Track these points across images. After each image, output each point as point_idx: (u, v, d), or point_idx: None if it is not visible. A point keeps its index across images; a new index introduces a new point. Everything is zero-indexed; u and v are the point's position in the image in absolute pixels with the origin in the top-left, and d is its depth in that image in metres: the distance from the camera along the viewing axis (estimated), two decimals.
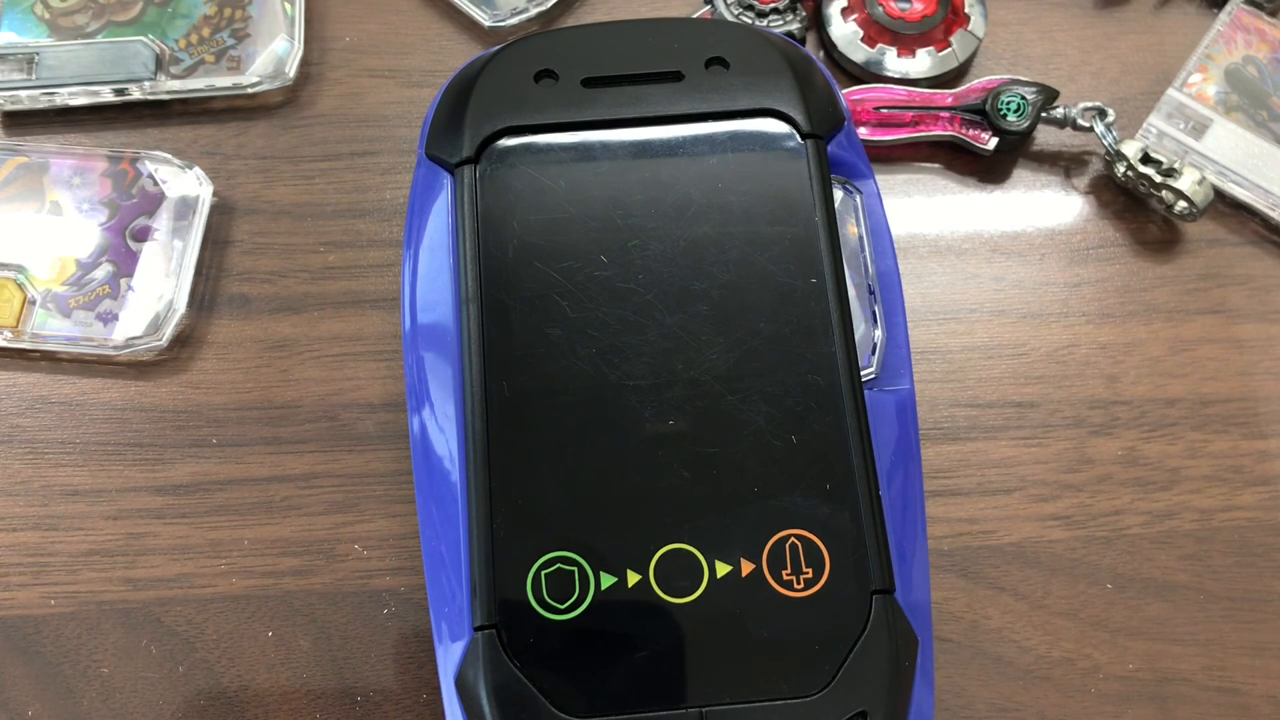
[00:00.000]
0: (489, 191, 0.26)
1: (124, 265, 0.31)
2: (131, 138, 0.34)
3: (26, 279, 0.31)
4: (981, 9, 0.35)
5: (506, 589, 0.23)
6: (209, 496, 0.30)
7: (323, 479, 0.30)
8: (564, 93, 0.27)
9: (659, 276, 0.25)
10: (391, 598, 0.29)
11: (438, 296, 0.26)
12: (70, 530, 0.29)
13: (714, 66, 0.27)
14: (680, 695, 0.23)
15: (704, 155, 0.26)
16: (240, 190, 0.33)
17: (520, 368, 0.25)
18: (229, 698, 0.28)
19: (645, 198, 0.26)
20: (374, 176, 0.33)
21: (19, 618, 0.28)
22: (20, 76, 0.33)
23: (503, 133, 0.27)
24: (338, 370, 0.31)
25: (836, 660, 0.23)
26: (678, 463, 0.24)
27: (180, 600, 0.28)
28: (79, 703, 0.28)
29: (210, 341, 0.31)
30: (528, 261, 0.26)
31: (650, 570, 0.23)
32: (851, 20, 0.34)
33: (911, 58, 0.34)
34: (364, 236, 0.33)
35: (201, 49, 0.34)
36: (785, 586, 0.23)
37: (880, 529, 0.24)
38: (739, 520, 0.24)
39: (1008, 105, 0.33)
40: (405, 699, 0.28)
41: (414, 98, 0.34)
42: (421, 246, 0.27)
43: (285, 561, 0.29)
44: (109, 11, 0.34)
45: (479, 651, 0.23)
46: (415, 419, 0.25)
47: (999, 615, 0.29)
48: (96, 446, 0.30)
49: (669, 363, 0.25)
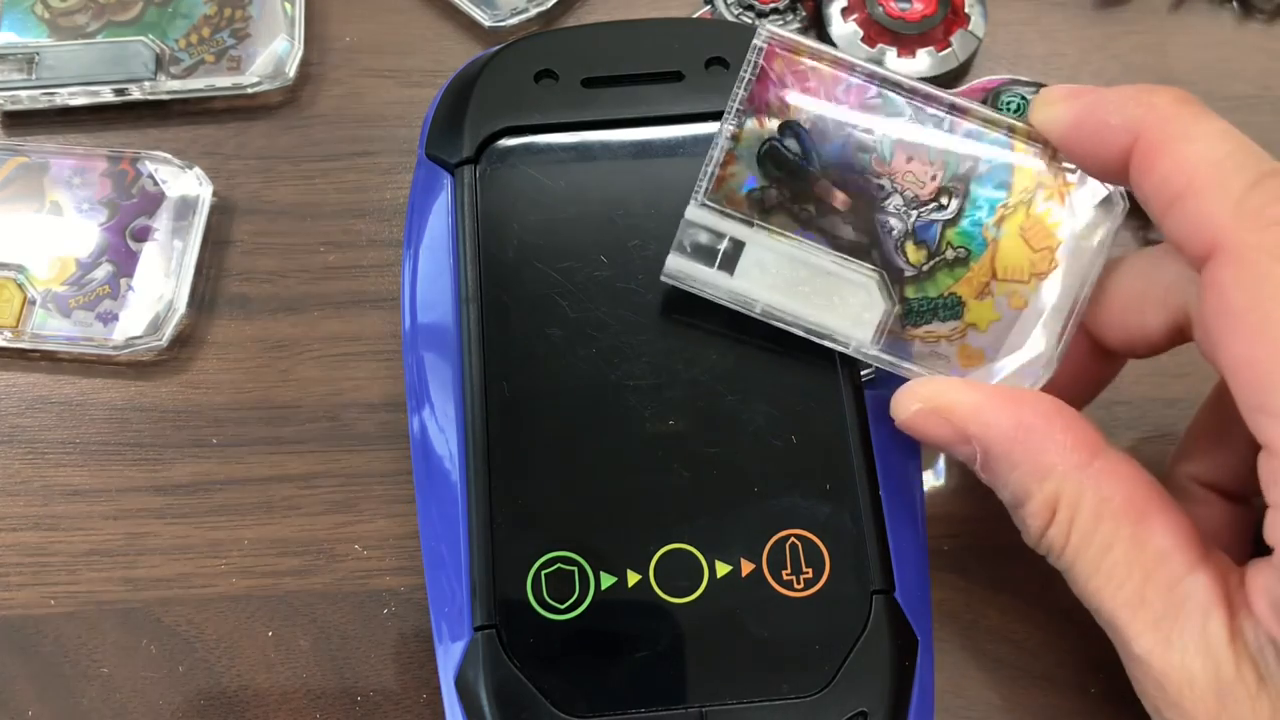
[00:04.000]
0: (489, 191, 0.26)
1: (124, 265, 0.31)
2: (131, 138, 0.34)
3: (26, 279, 0.31)
4: (981, 9, 0.35)
5: (506, 589, 0.23)
6: (209, 496, 0.30)
7: (323, 479, 0.30)
8: (564, 93, 0.27)
9: (659, 276, 0.25)
10: (391, 598, 0.28)
11: (438, 296, 0.26)
12: (70, 530, 0.29)
13: (714, 66, 0.27)
14: (680, 695, 0.23)
15: (704, 155, 0.26)
16: (240, 190, 0.33)
17: (520, 368, 0.25)
18: (229, 698, 0.28)
19: (645, 198, 0.26)
20: (374, 176, 0.33)
21: (19, 618, 0.28)
22: (20, 76, 0.33)
23: (503, 133, 0.27)
24: (338, 370, 0.31)
25: (836, 660, 0.23)
26: (678, 463, 0.24)
27: (180, 600, 0.28)
28: (79, 703, 0.28)
29: (210, 341, 0.31)
30: (528, 261, 0.26)
31: (650, 570, 0.23)
32: (851, 20, 0.34)
33: (911, 58, 0.34)
34: (364, 236, 0.33)
35: (201, 49, 0.34)
36: (785, 586, 0.23)
37: (880, 529, 0.24)
38: (739, 520, 0.24)
39: (1008, 105, 0.33)
40: (405, 699, 0.28)
41: (414, 98, 0.34)
42: (421, 246, 0.27)
43: (285, 561, 0.29)
44: (109, 11, 0.34)
45: (479, 651, 0.23)
46: (415, 419, 0.25)
47: (999, 615, 0.29)
48: (96, 446, 0.30)
49: (669, 363, 0.25)
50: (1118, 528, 0.22)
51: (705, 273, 0.24)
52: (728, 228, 0.24)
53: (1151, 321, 0.23)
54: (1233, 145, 0.20)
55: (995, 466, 0.23)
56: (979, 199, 0.24)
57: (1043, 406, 0.23)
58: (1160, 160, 0.21)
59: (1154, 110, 0.21)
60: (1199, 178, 0.20)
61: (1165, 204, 0.21)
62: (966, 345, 0.24)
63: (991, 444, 0.23)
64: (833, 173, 0.24)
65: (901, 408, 0.24)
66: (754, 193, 0.24)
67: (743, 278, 0.24)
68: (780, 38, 0.24)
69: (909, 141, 0.24)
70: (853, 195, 0.24)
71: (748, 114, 0.24)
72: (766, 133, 0.24)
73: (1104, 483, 0.22)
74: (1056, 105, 0.23)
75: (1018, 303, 0.24)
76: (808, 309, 0.24)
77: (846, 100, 0.24)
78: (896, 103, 0.24)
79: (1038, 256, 0.24)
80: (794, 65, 0.24)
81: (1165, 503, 0.22)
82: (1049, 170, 0.24)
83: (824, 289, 0.24)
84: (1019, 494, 0.23)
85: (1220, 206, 0.20)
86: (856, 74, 0.24)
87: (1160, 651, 0.21)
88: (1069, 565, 0.22)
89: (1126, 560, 0.21)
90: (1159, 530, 0.22)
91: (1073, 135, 0.23)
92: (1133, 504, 0.22)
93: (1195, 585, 0.21)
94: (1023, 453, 0.22)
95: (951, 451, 0.24)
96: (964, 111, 0.24)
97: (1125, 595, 0.21)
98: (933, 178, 0.24)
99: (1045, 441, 0.22)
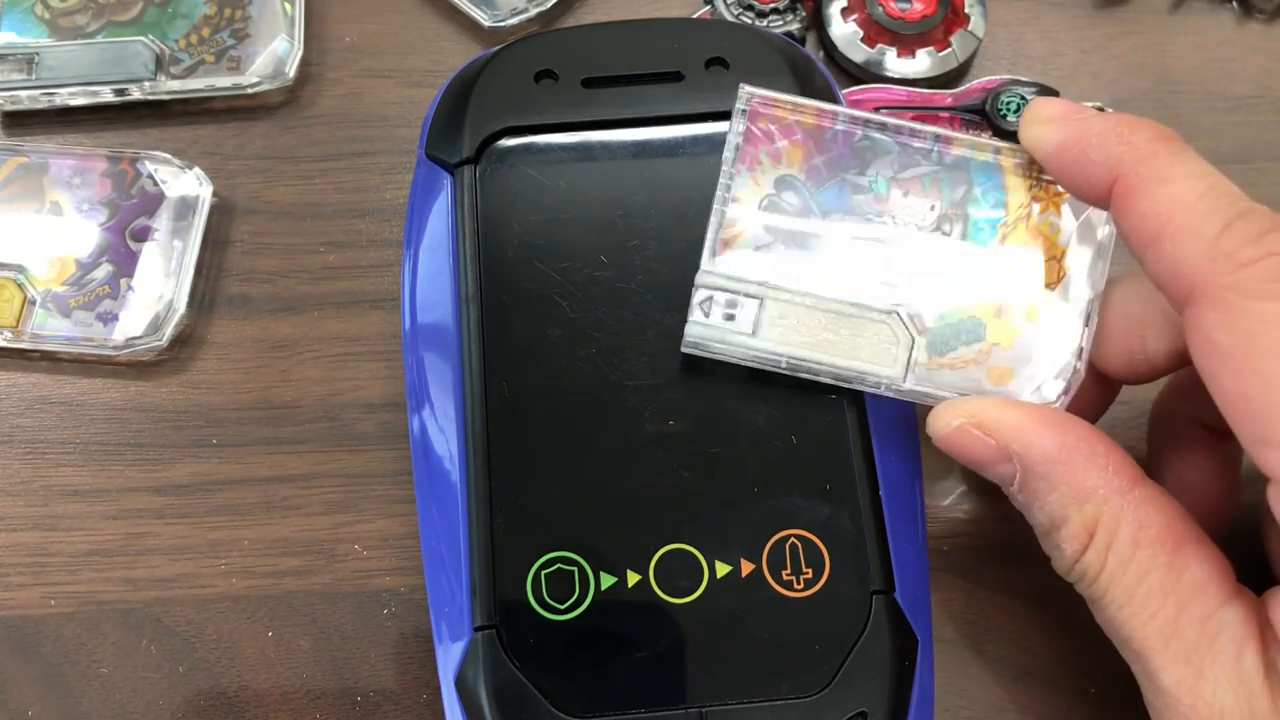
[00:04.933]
0: (489, 191, 0.26)
1: (124, 265, 0.31)
2: (131, 138, 0.34)
3: (26, 279, 0.31)
4: (981, 9, 0.35)
5: (506, 589, 0.23)
6: (209, 496, 0.30)
7: (323, 479, 0.30)
8: (564, 93, 0.27)
9: (659, 276, 0.25)
10: (391, 598, 0.29)
11: (438, 296, 0.26)
12: (70, 530, 0.29)
13: (714, 66, 0.27)
14: (680, 695, 0.23)
15: (704, 155, 0.26)
16: (240, 190, 0.33)
17: (520, 368, 0.25)
18: (229, 698, 0.28)
19: (645, 198, 0.26)
20: (374, 176, 0.33)
21: (19, 618, 0.28)
22: (20, 76, 0.33)
23: (503, 133, 0.27)
24: (338, 370, 0.31)
25: (836, 660, 0.23)
26: (678, 463, 0.24)
27: (180, 600, 0.28)
28: (79, 703, 0.28)
29: (210, 341, 0.31)
30: (528, 261, 0.26)
31: (650, 570, 0.23)
32: (851, 20, 0.34)
33: (911, 58, 0.34)
34: (364, 236, 0.33)
35: (201, 49, 0.34)
36: (785, 587, 0.23)
37: (880, 529, 0.24)
38: (739, 520, 0.24)
39: (1008, 105, 0.33)
40: (405, 699, 0.28)
41: (414, 98, 0.34)
42: (421, 246, 0.27)
43: (285, 561, 0.29)
44: (109, 11, 0.34)
45: (479, 651, 0.23)
46: (415, 419, 0.25)
47: (999, 615, 0.29)
48: (96, 446, 0.30)
49: (669, 363, 0.25)
50: (1155, 556, 0.21)
51: (728, 335, 0.24)
52: (741, 287, 0.24)
53: (1153, 345, 0.24)
54: (1205, 187, 0.21)
55: (1034, 487, 0.22)
56: (979, 221, 0.24)
57: (1083, 429, 0.22)
58: (1137, 203, 0.21)
59: (1132, 149, 0.21)
60: (1174, 222, 0.20)
61: (1143, 245, 0.21)
62: (995, 365, 0.24)
63: (1034, 464, 0.22)
64: (834, 217, 0.24)
65: (942, 423, 0.23)
66: (761, 249, 0.24)
67: (765, 334, 0.24)
68: (762, 96, 0.24)
69: (902, 177, 0.25)
70: (858, 237, 0.25)
71: (742, 174, 0.24)
72: (763, 189, 0.25)
73: (1143, 510, 0.22)
74: (1043, 126, 0.23)
75: (1035, 316, 0.24)
76: (834, 356, 0.24)
77: (835, 147, 0.25)
78: (884, 142, 0.25)
79: (1045, 268, 0.24)
80: (779, 120, 0.25)
81: (1200, 535, 0.22)
82: (1040, 183, 0.25)
83: (847, 333, 0.24)
84: (1056, 517, 0.22)
85: (1195, 250, 0.20)
86: (840, 121, 0.25)
87: (1191, 684, 0.21)
88: (1102, 592, 0.22)
89: (1162, 589, 0.21)
90: (1195, 561, 0.21)
91: (1056, 161, 0.23)
92: (1170, 533, 0.22)
93: (1230, 618, 0.21)
94: (1064, 474, 0.22)
95: (987, 470, 0.23)
96: (949, 140, 0.25)
97: (1158, 625, 0.21)
98: (931, 207, 0.24)
99: (1088, 464, 0.22)
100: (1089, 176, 0.22)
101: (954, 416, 0.23)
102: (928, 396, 0.24)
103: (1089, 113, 0.23)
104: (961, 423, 0.23)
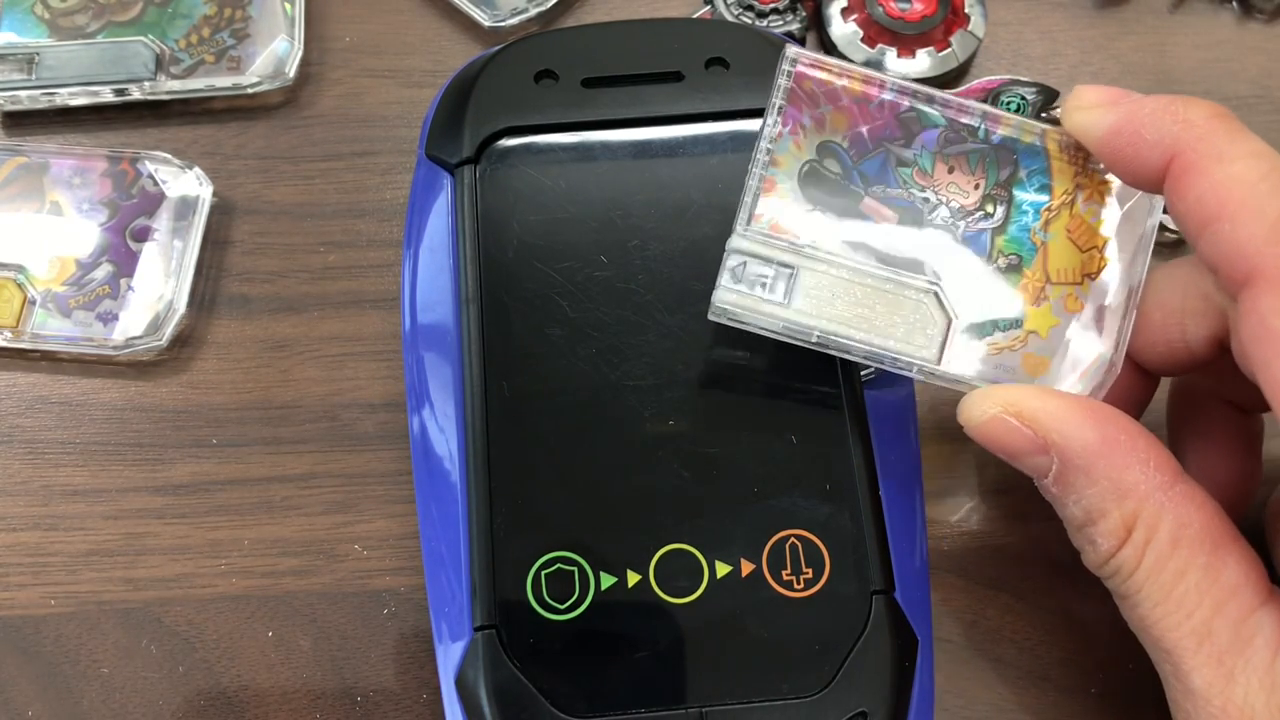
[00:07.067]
0: (489, 192, 0.26)
1: (124, 265, 0.31)
2: (131, 138, 0.34)
3: (26, 279, 0.31)
4: (981, 9, 0.35)
5: (506, 589, 0.23)
6: (209, 496, 0.30)
7: (323, 479, 0.30)
8: (564, 93, 0.27)
9: (659, 276, 0.25)
10: (391, 598, 0.29)
11: (438, 296, 0.26)
12: (70, 530, 0.29)
13: (714, 66, 0.27)
14: (680, 695, 0.23)
15: (704, 155, 0.26)
16: (240, 190, 0.33)
17: (520, 368, 0.25)
18: (229, 698, 0.28)
19: (645, 198, 0.26)
20: (374, 176, 0.33)
21: (19, 618, 0.28)
22: (20, 76, 0.33)
23: (503, 133, 0.27)
24: (338, 370, 0.31)
25: (836, 660, 0.23)
26: (678, 463, 0.24)
27: (180, 600, 0.28)
28: (79, 703, 0.28)
29: (210, 341, 0.31)
30: (528, 261, 0.26)
31: (650, 570, 0.23)
32: (851, 20, 0.34)
33: (911, 58, 0.34)
34: (364, 236, 0.33)
35: (201, 49, 0.34)
36: (785, 587, 0.23)
37: (880, 529, 0.24)
38: (739, 520, 0.24)
39: (1008, 105, 0.33)
40: (405, 699, 0.28)
41: (414, 98, 0.34)
42: (421, 246, 0.27)
43: (285, 561, 0.29)
44: (109, 11, 0.34)
45: (479, 651, 0.23)
46: (415, 419, 0.25)
47: (999, 615, 0.29)
48: (96, 446, 0.30)
49: (669, 363, 0.25)
50: (1194, 555, 0.21)
51: (759, 303, 0.23)
52: (775, 254, 0.23)
53: (1192, 333, 0.23)
54: (1269, 167, 0.20)
55: (1071, 480, 0.22)
56: (1023, 204, 0.24)
57: (1124, 422, 0.22)
58: (1195, 182, 0.21)
59: (1190, 128, 0.21)
60: (1234, 201, 0.20)
61: (1200, 226, 0.21)
62: (1030, 353, 0.24)
63: (1072, 456, 0.22)
64: (876, 189, 0.24)
65: (978, 412, 0.23)
66: (799, 217, 0.24)
67: (798, 304, 0.23)
68: (809, 57, 0.24)
69: (948, 152, 0.24)
70: (898, 210, 0.24)
71: (784, 137, 0.24)
72: (805, 154, 0.24)
73: (1184, 508, 0.21)
74: (1091, 111, 0.23)
75: (1074, 305, 0.24)
76: (868, 332, 0.23)
77: (881, 116, 0.24)
78: (931, 115, 0.24)
79: (1086, 257, 0.24)
80: (825, 85, 0.24)
81: (1236, 534, 0.22)
82: (1085, 171, 0.24)
83: (883, 309, 0.23)
84: (1092, 511, 0.22)
85: (1256, 232, 0.20)
86: (888, 90, 0.24)
87: (1222, 686, 0.20)
88: (1136, 589, 0.22)
89: (1199, 589, 0.21)
90: (1233, 561, 0.21)
91: (1108, 145, 0.22)
92: (1209, 532, 0.21)
93: (1265, 620, 0.21)
94: (1105, 468, 0.21)
95: (1019, 460, 0.23)
96: (997, 120, 0.24)
97: (1192, 625, 0.21)
98: (975, 186, 0.24)
99: (1130, 458, 0.21)
100: (1143, 158, 0.22)
101: (991, 405, 0.22)
102: (960, 382, 0.23)
103: (1136, 95, 0.22)
104: (998, 411, 0.22)
